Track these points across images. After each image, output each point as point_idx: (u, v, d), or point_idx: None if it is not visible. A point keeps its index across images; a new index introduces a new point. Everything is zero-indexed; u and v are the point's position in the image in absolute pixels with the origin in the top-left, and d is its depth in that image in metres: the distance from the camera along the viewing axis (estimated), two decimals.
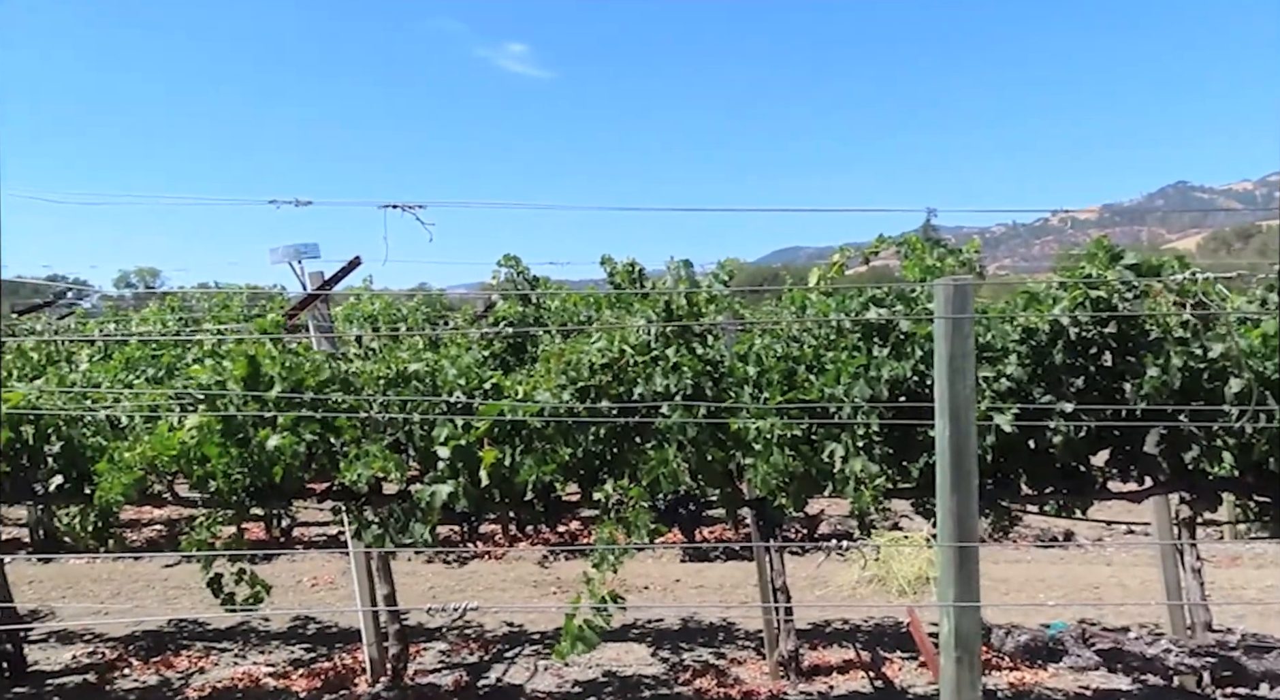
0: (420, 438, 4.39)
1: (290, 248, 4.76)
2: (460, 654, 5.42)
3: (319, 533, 8.65)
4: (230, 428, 4.24)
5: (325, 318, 5.04)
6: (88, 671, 5.15)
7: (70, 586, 6.91)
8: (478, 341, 5.62)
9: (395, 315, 6.94)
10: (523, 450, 4.24)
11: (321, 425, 4.33)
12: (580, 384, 4.18)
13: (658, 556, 7.46)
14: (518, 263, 5.51)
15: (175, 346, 5.47)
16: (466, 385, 4.37)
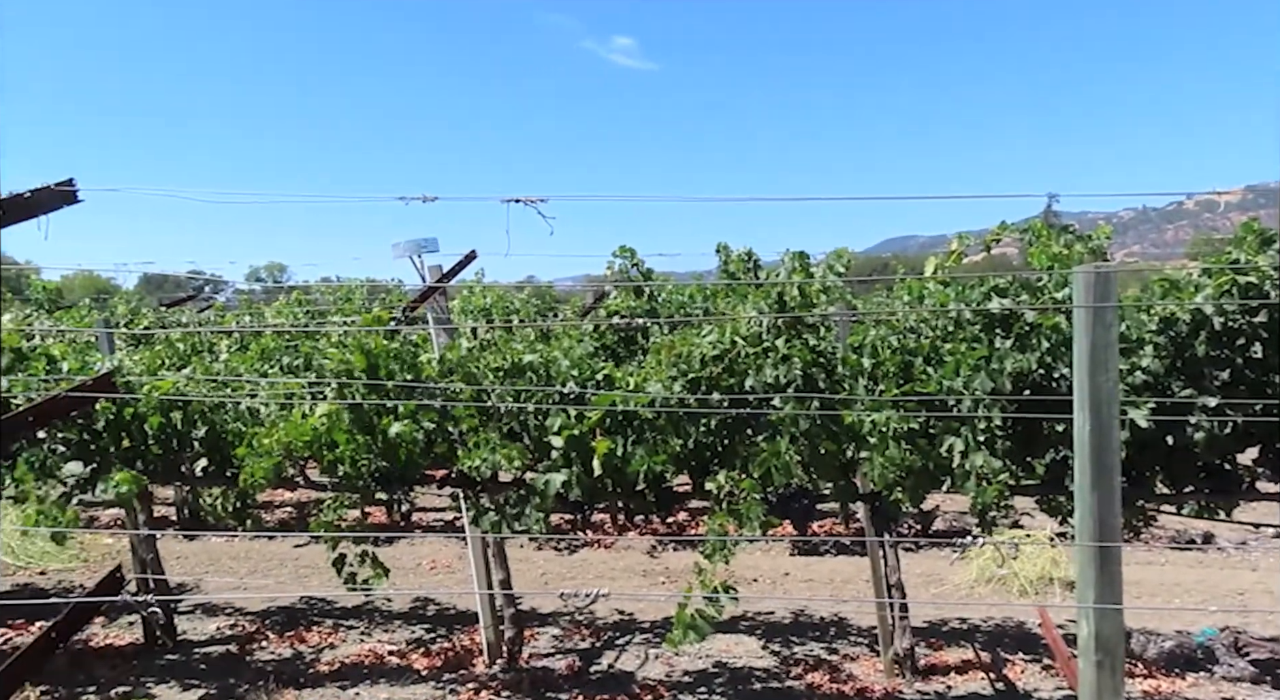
0: (535, 427, 4.50)
1: (411, 242, 4.94)
2: (572, 640, 5.52)
3: (436, 518, 8.96)
4: (357, 415, 4.45)
5: (443, 310, 5.21)
6: (229, 642, 5.50)
7: (213, 563, 7.39)
8: (590, 334, 5.71)
9: (508, 307, 7.10)
10: (634, 440, 4.29)
11: (440, 414, 4.49)
12: (691, 375, 4.19)
13: (767, 549, 7.41)
14: (633, 254, 5.56)
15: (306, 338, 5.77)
16: (579, 376, 4.45)
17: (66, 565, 7.23)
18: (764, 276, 4.93)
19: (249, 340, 7.08)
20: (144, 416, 4.72)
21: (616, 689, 4.71)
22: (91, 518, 8.52)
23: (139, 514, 5.32)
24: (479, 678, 4.89)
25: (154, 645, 5.39)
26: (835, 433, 4.04)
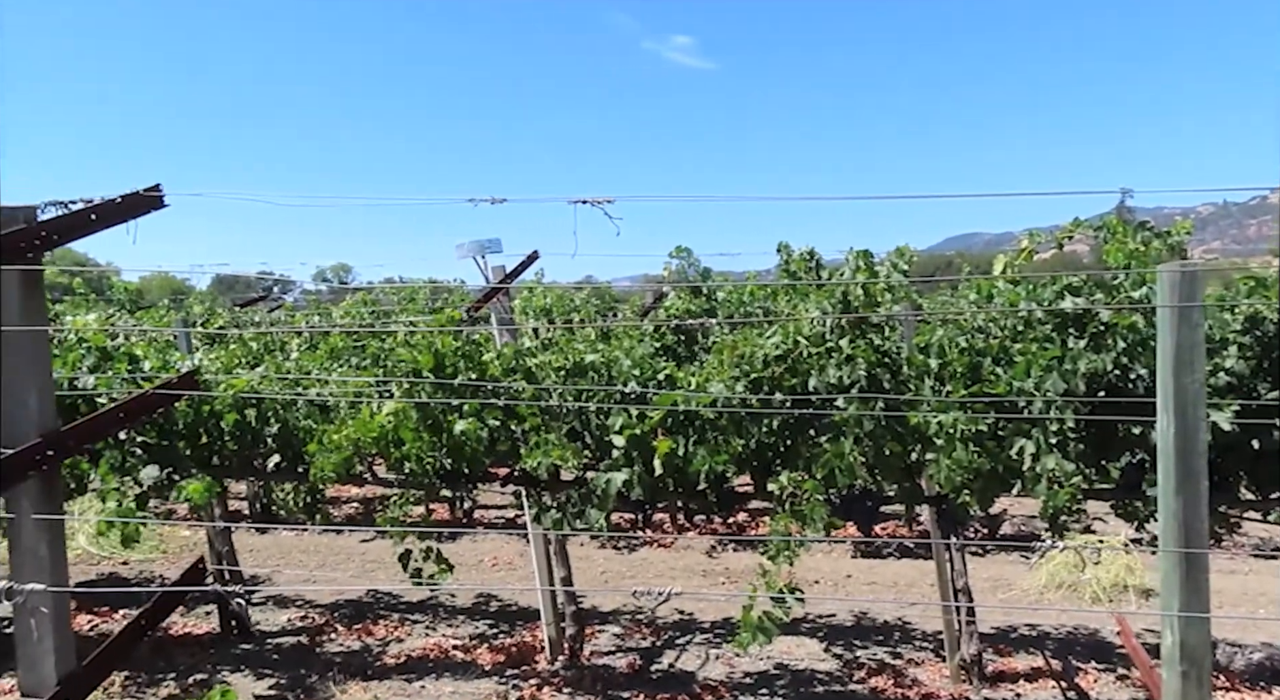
0: (596, 427, 4.53)
1: (475, 243, 5.01)
2: (633, 638, 5.54)
3: (497, 515, 9.07)
4: (424, 413, 4.53)
5: (506, 310, 5.27)
6: (300, 634, 5.65)
7: (283, 556, 7.60)
8: (650, 333, 5.72)
9: (569, 307, 7.16)
10: (696, 440, 4.29)
11: (504, 413, 4.55)
12: (754, 375, 4.17)
13: (828, 551, 7.33)
14: (690, 254, 5.55)
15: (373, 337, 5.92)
16: (641, 376, 4.46)
17: (147, 556, 7.51)
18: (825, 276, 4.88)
19: (318, 339, 7.26)
20: (220, 414, 4.88)
21: (678, 688, 4.71)
22: (170, 510, 8.83)
23: (215, 508, 5.50)
24: (541, 674, 4.94)
25: (229, 635, 5.57)
26: (900, 434, 3.98)
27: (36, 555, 2.00)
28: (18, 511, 1.99)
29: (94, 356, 4.89)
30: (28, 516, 2.00)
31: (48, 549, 2.02)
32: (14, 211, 2.03)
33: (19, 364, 2.02)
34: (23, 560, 2.00)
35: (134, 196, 2.32)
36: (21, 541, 2.00)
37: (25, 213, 2.03)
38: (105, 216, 2.21)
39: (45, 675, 2.01)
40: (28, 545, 2.00)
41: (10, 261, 1.98)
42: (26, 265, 1.99)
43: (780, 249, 5.22)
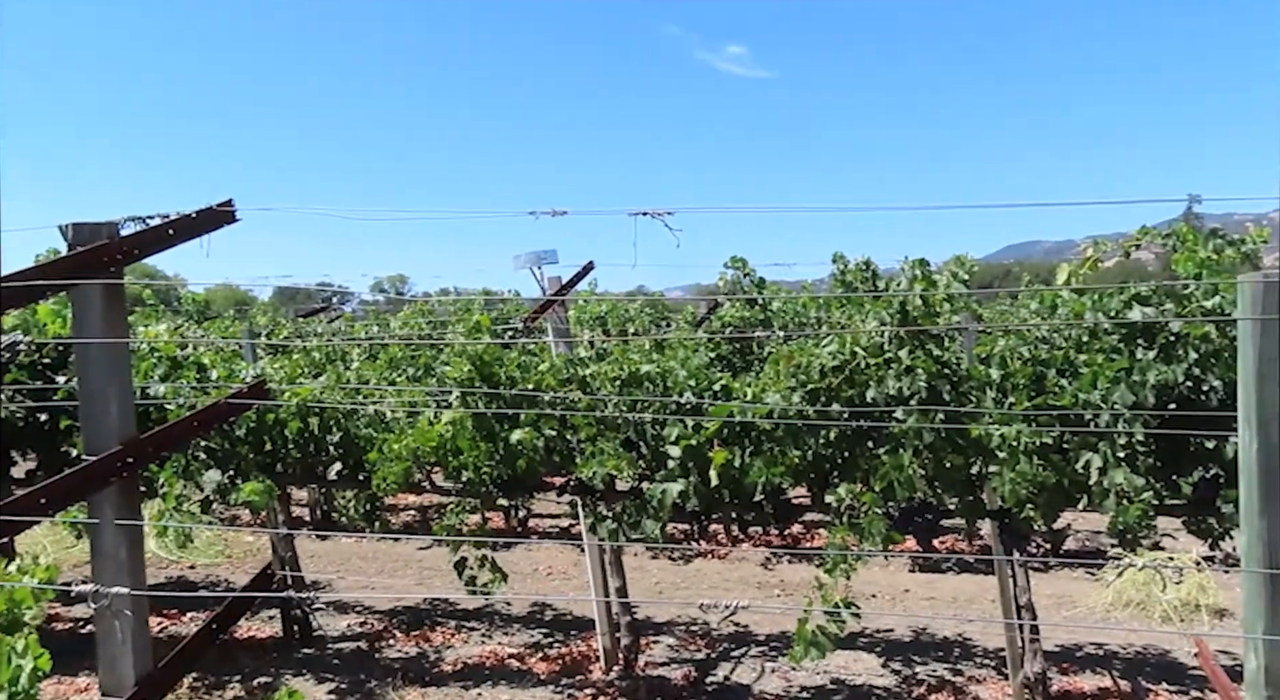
0: (651, 437, 4.54)
1: (532, 254, 5.06)
2: (688, 650, 5.52)
3: (551, 524, 9.12)
4: (480, 423, 4.59)
5: (562, 320, 5.31)
6: (360, 639, 5.75)
7: (343, 562, 7.73)
8: (705, 343, 5.72)
9: (624, 316, 7.19)
10: (752, 452, 4.27)
11: (559, 423, 4.59)
12: (810, 386, 4.14)
13: (885, 565, 7.22)
14: (744, 265, 5.53)
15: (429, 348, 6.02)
16: (696, 386, 4.46)
17: (213, 560, 7.71)
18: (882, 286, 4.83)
19: (376, 349, 7.41)
20: (284, 422, 5.00)
21: None
22: (234, 516, 9.06)
23: (278, 514, 5.63)
24: (596, 684, 4.94)
25: (292, 639, 5.68)
26: (961, 446, 3.91)
27: (116, 559, 2.07)
28: (100, 516, 2.07)
29: (165, 365, 5.06)
30: (109, 521, 2.07)
31: (127, 553, 2.09)
32: (97, 227, 2.12)
33: (101, 374, 2.10)
34: (104, 563, 2.07)
35: (208, 211, 2.39)
36: (103, 545, 2.08)
37: (108, 228, 2.12)
38: (182, 231, 2.29)
39: (124, 675, 2.08)
40: (108, 549, 2.08)
41: (94, 275, 2.06)
42: (109, 279, 2.07)
43: (836, 259, 5.18)
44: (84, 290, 2.05)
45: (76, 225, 2.09)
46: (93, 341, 2.06)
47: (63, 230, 2.08)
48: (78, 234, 2.08)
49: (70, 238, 2.08)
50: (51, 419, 4.99)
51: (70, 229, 2.08)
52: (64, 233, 2.08)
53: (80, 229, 2.08)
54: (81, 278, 2.02)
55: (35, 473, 5.67)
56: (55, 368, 5.07)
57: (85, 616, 6.11)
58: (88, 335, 2.06)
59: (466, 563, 4.70)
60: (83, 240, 2.07)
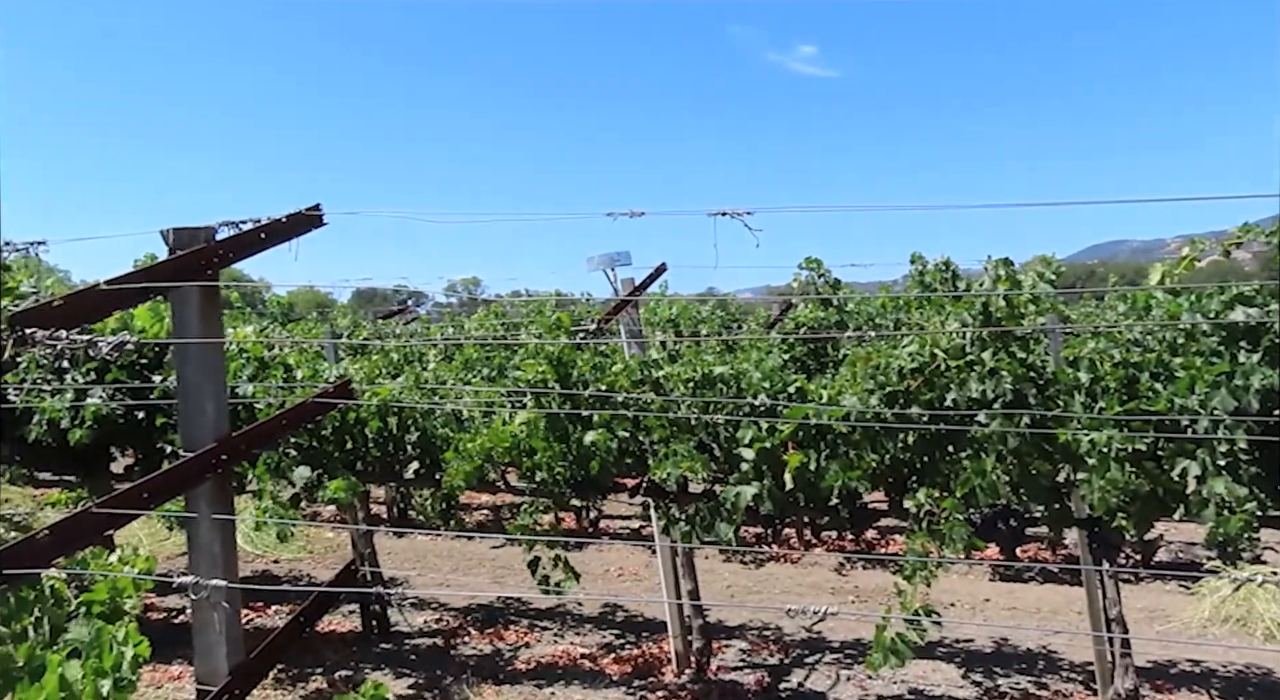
0: (725, 439, 4.51)
1: (606, 256, 5.08)
2: (760, 655, 5.47)
3: (622, 525, 9.14)
4: (553, 424, 4.63)
5: (635, 322, 5.32)
6: (435, 636, 5.85)
7: (419, 559, 7.89)
8: (778, 345, 5.66)
9: (696, 317, 7.16)
10: (828, 455, 4.20)
11: (632, 424, 4.59)
12: (889, 389, 4.06)
13: (964, 573, 7.04)
14: (819, 265, 5.46)
15: (503, 349, 6.10)
16: (771, 388, 4.41)
17: (296, 555, 7.95)
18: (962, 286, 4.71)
19: (452, 350, 7.54)
20: (365, 421, 5.12)
21: None
22: (315, 513, 9.32)
23: (358, 511, 5.77)
24: (668, 686, 4.93)
25: (370, 634, 5.82)
26: (1048, 451, 3.79)
27: (211, 552, 2.14)
28: (196, 511, 2.14)
29: (253, 366, 5.22)
30: (205, 516, 2.15)
31: (221, 547, 2.17)
32: (195, 232, 2.19)
33: (198, 374, 2.17)
34: (199, 556, 2.15)
35: (297, 216, 2.46)
36: (199, 539, 2.15)
37: (205, 233, 2.20)
38: (273, 235, 2.36)
39: (218, 665, 2.15)
40: (204, 543, 2.15)
41: (191, 278, 2.14)
42: (206, 282, 2.15)
43: (914, 260, 5.07)
44: (183, 292, 2.13)
45: (177, 230, 2.17)
46: (191, 342, 2.14)
47: (164, 235, 2.16)
48: (178, 238, 2.16)
49: (171, 242, 2.16)
50: (148, 416, 5.21)
51: (171, 233, 2.16)
52: (165, 237, 2.16)
53: (180, 233, 2.16)
54: (181, 280, 2.10)
55: (132, 468, 5.92)
56: (151, 368, 5.28)
57: (179, 606, 6.35)
58: (186, 336, 2.14)
59: (540, 562, 4.74)
60: (182, 244, 2.15)
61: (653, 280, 5.47)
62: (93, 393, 5.18)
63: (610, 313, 5.05)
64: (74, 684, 1.74)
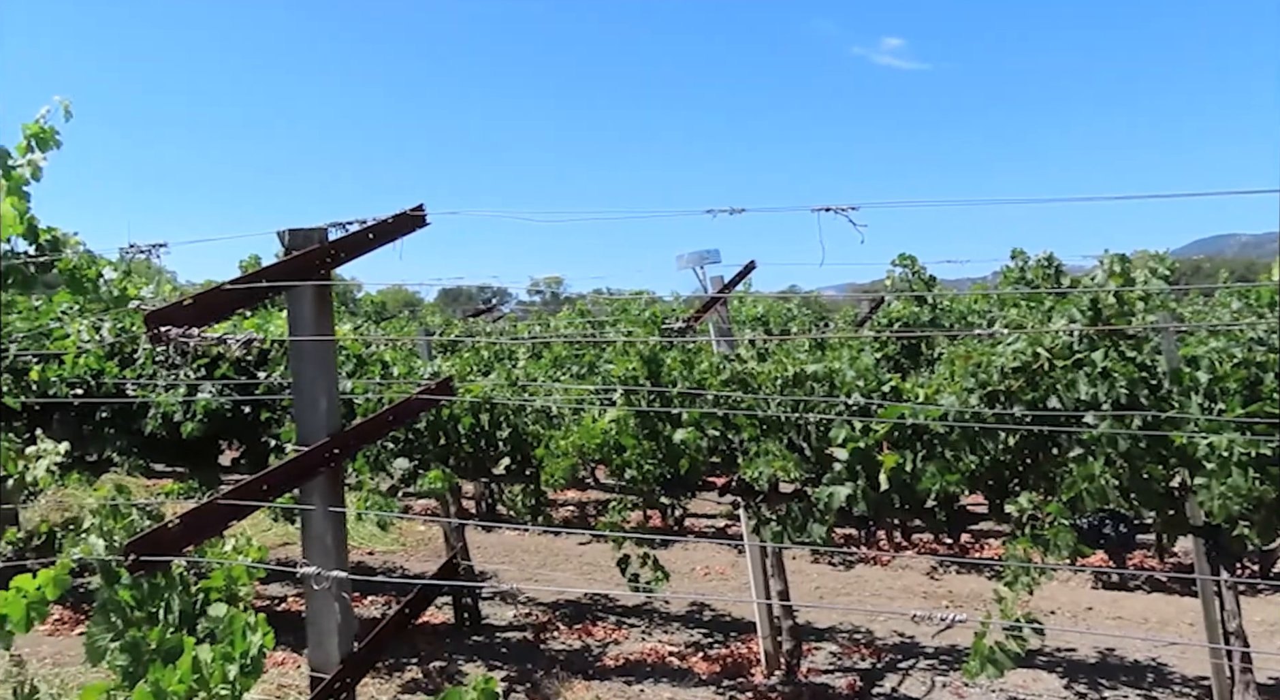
0: (816, 439, 4.44)
1: (695, 253, 5.06)
2: (851, 658, 5.38)
3: (707, 524, 9.11)
4: (643, 421, 4.63)
5: (724, 320, 5.29)
6: (525, 630, 5.93)
7: (507, 554, 8.02)
8: (870, 343, 5.55)
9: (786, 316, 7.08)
10: (924, 456, 4.10)
11: (723, 423, 4.56)
12: (989, 388, 3.94)
13: (1065, 580, 6.78)
14: (914, 262, 5.33)
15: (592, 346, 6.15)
16: (864, 387, 4.32)
17: (389, 548, 8.18)
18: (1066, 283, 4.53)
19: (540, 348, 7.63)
20: (458, 418, 5.23)
21: None
22: (407, 507, 9.56)
23: (450, 506, 5.89)
24: (757, 687, 4.89)
25: (462, 626, 5.94)
26: (1162, 455, 3.62)
27: (324, 543, 2.21)
28: (310, 503, 2.22)
29: (351, 363, 5.39)
30: (319, 508, 2.22)
31: (333, 538, 2.23)
32: (308, 233, 2.27)
33: (311, 371, 2.24)
34: (313, 547, 2.22)
35: (402, 216, 2.52)
36: (312, 530, 2.23)
37: (318, 233, 2.27)
38: (380, 235, 2.43)
39: (330, 653, 2.21)
40: (317, 534, 2.22)
41: (306, 277, 2.21)
42: (319, 281, 2.22)
43: (1015, 255, 4.91)
44: (298, 291, 2.20)
45: (292, 231, 2.25)
46: (305, 340, 2.21)
47: (280, 236, 2.24)
48: (293, 239, 2.23)
49: (286, 242, 2.24)
50: (253, 411, 5.43)
51: (287, 234, 2.24)
52: (281, 238, 2.24)
53: (295, 234, 2.24)
54: (297, 280, 2.18)
55: (238, 461, 6.18)
56: (257, 364, 5.50)
57: (279, 595, 6.60)
58: (301, 334, 2.22)
59: (629, 560, 4.76)
60: (297, 245, 2.23)
61: (741, 278, 5.43)
62: (203, 388, 5.42)
63: (700, 310, 5.03)
64: (205, 667, 1.82)
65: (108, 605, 2.14)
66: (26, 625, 2.37)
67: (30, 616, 2.39)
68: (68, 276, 3.13)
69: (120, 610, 2.12)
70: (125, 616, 2.12)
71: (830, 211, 2.12)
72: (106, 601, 2.14)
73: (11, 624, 2.37)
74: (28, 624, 2.38)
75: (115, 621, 2.07)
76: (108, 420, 5.71)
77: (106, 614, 2.10)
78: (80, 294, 3.15)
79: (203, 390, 5.39)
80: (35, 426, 5.56)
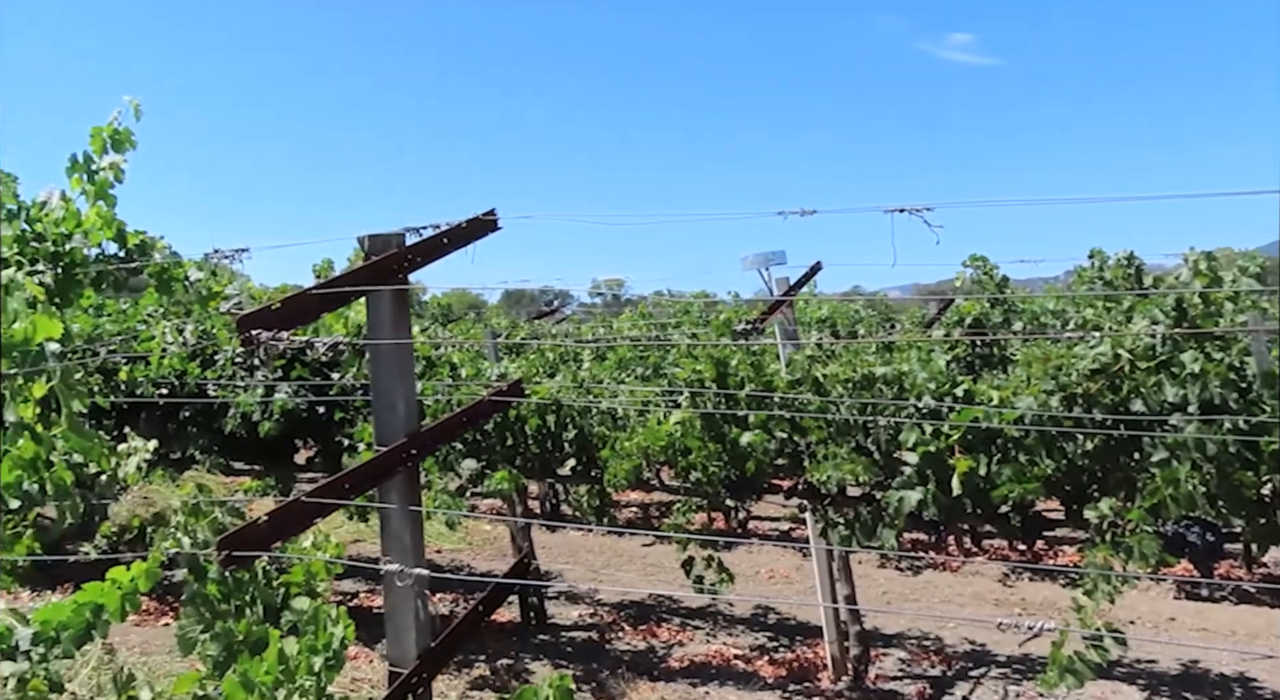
0: (885, 442, 4.38)
1: (761, 255, 5.03)
2: (920, 665, 5.29)
3: (771, 527, 9.05)
4: (709, 423, 4.62)
5: (790, 322, 5.25)
6: (590, 630, 5.97)
7: (571, 554, 8.07)
8: (940, 345, 5.44)
9: (853, 317, 7.00)
10: (999, 460, 4.01)
11: (790, 425, 4.53)
12: (1068, 391, 3.83)
13: (1145, 589, 6.56)
14: (985, 262, 5.22)
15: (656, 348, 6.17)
16: (936, 389, 4.25)
17: (456, 546, 8.31)
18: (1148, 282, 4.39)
19: (603, 350, 7.68)
20: (525, 418, 5.29)
21: None
22: (473, 506, 9.70)
23: (517, 506, 5.96)
24: (824, 693, 4.84)
25: (528, 625, 6.00)
26: (1252, 461, 3.47)
27: (402, 541, 2.26)
28: (389, 502, 2.27)
29: (421, 364, 5.49)
30: (397, 507, 2.26)
31: (410, 536, 2.28)
32: (386, 238, 2.32)
33: (390, 373, 2.30)
34: (392, 545, 2.27)
35: (475, 221, 2.56)
36: (391, 528, 2.28)
37: (396, 239, 2.32)
38: (454, 240, 2.47)
39: (407, 648, 2.26)
40: (395, 532, 2.27)
41: (384, 282, 2.26)
42: (397, 285, 2.27)
43: (1093, 255, 4.79)
44: (377, 295, 2.25)
45: (371, 237, 2.30)
46: (384, 343, 2.26)
47: (360, 241, 2.30)
48: (373, 244, 2.29)
49: (366, 247, 2.29)
50: (328, 411, 5.57)
51: (366, 240, 2.30)
52: (361, 243, 2.30)
53: (375, 239, 2.29)
54: (376, 284, 2.23)
55: (312, 460, 6.35)
56: (331, 366, 5.65)
57: (351, 591, 6.76)
58: (379, 337, 2.27)
59: (694, 562, 4.76)
60: (376, 250, 2.28)
61: (808, 279, 5.39)
62: (279, 388, 5.58)
63: (766, 312, 5.00)
64: (290, 659, 1.88)
65: (196, 598, 2.22)
66: (122, 615, 2.47)
67: (125, 607, 2.49)
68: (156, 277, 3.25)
69: (209, 603, 2.19)
70: (213, 609, 2.20)
71: (905, 212, 2.09)
72: (195, 594, 2.22)
73: (108, 613, 2.48)
74: (123, 613, 2.48)
75: (205, 614, 2.15)
76: (190, 419, 5.92)
77: (196, 607, 2.18)
78: (168, 294, 3.26)
79: (279, 391, 5.55)
80: (123, 425, 5.80)
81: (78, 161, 3.03)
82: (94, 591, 2.37)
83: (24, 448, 2.17)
